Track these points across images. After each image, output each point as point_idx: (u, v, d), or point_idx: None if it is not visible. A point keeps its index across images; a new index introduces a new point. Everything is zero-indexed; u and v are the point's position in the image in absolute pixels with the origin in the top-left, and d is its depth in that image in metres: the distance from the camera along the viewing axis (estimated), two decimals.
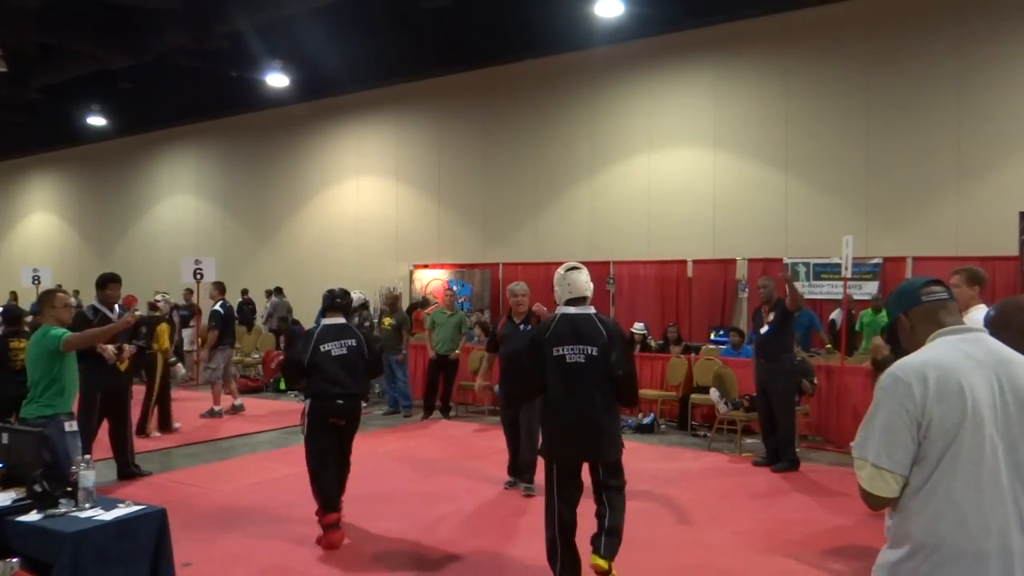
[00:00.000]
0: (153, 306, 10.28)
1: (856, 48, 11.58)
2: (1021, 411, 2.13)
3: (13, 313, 8.09)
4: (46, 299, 5.47)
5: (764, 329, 7.84)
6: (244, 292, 16.58)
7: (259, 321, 16.35)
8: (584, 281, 4.56)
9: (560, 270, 4.63)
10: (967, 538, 2.07)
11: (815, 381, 8.63)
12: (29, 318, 8.68)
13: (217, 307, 10.96)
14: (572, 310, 4.51)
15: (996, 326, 3.26)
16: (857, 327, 10.76)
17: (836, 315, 10.90)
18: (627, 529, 5.82)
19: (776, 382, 7.76)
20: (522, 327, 6.79)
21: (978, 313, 4.33)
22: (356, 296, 12.22)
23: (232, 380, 11.27)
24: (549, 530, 4.52)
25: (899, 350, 2.34)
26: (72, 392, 5.38)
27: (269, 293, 16.55)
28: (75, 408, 5.57)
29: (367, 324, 11.88)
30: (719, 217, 12.69)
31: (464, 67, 14.92)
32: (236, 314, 12.43)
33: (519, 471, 6.91)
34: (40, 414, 5.09)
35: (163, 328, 9.55)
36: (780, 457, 7.74)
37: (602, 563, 4.48)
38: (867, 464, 2.14)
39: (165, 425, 9.59)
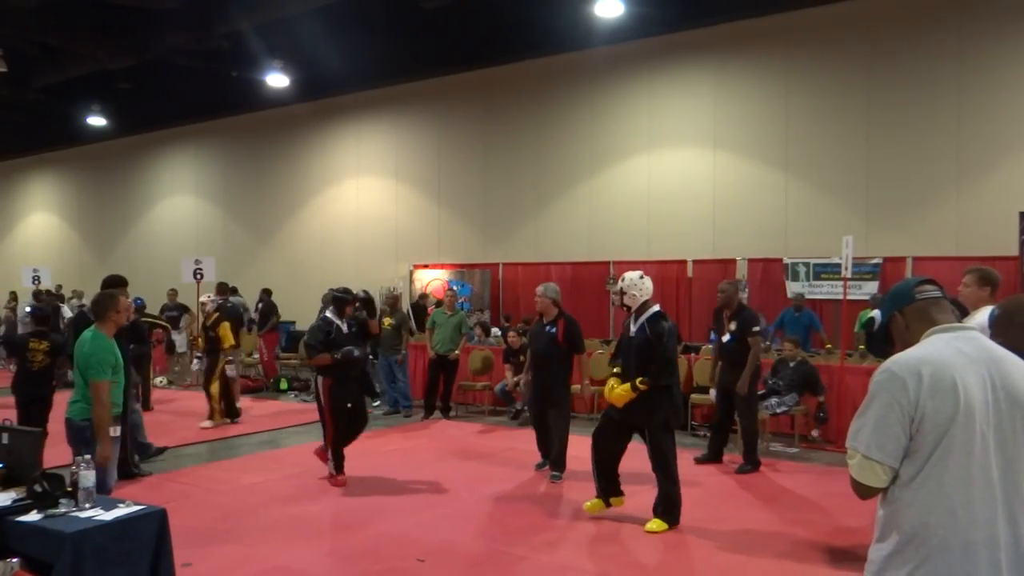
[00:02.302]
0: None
1: (856, 48, 11.58)
2: (1012, 407, 2.18)
3: (41, 314, 8.10)
4: (110, 303, 5.15)
5: (727, 338, 7.84)
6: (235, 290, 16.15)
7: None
8: None
9: (635, 276, 6.10)
10: (956, 530, 2.11)
11: (822, 385, 8.62)
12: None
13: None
14: None
15: (999, 324, 3.27)
16: (857, 328, 10.75)
17: (876, 314, 10.72)
18: (627, 528, 5.85)
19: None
20: (548, 328, 7.41)
21: (984, 314, 4.30)
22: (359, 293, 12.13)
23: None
24: (676, 482, 5.93)
25: (882, 349, 2.39)
26: (117, 396, 5.16)
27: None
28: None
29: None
30: (719, 217, 12.69)
31: (464, 67, 14.91)
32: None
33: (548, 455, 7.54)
34: (87, 416, 4.96)
35: (225, 326, 10.18)
36: (745, 459, 7.71)
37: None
38: (858, 454, 2.21)
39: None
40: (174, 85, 15.95)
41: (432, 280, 15.21)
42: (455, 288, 13.53)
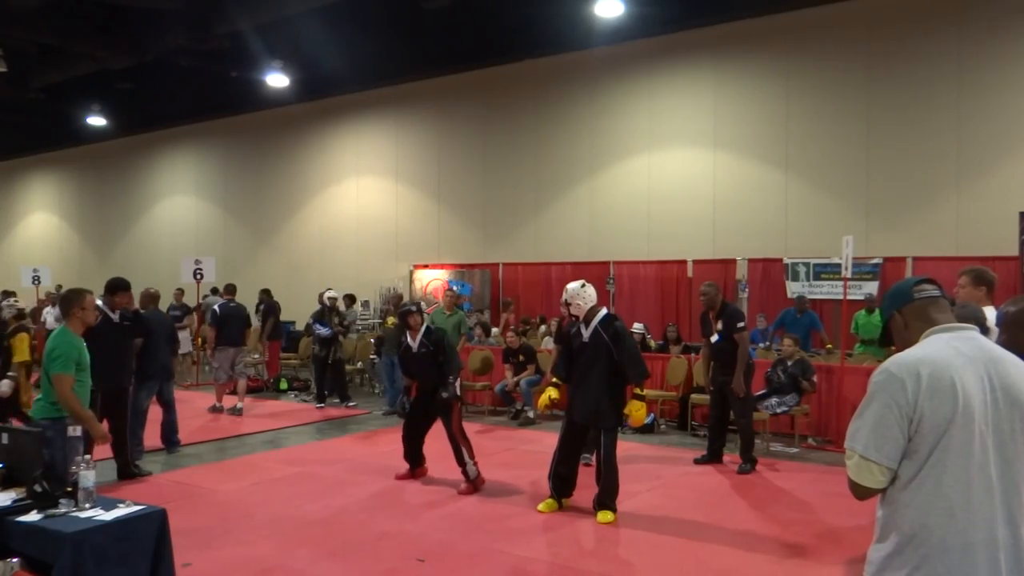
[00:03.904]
0: None
1: (856, 48, 11.59)
2: (1010, 408, 2.18)
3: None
4: (75, 299, 5.09)
5: (715, 338, 7.88)
6: (214, 291, 15.93)
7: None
8: None
9: (576, 286, 6.20)
10: (955, 530, 2.11)
11: (814, 379, 8.66)
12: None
13: (215, 307, 11.18)
14: None
15: (1015, 323, 3.24)
16: (852, 328, 10.73)
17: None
18: (628, 529, 5.85)
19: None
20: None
21: (988, 313, 4.29)
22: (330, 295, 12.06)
23: (230, 380, 11.00)
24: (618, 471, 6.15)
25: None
26: (83, 396, 5.11)
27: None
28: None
29: (346, 323, 11.99)
30: (719, 217, 12.69)
31: (464, 67, 14.92)
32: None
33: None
34: (46, 415, 4.93)
35: (22, 338, 8.09)
36: (743, 459, 7.72)
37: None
38: (856, 455, 2.19)
39: None
40: (174, 85, 15.96)
41: (432, 280, 15.21)
42: (455, 288, 13.52)
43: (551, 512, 6.22)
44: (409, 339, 7.22)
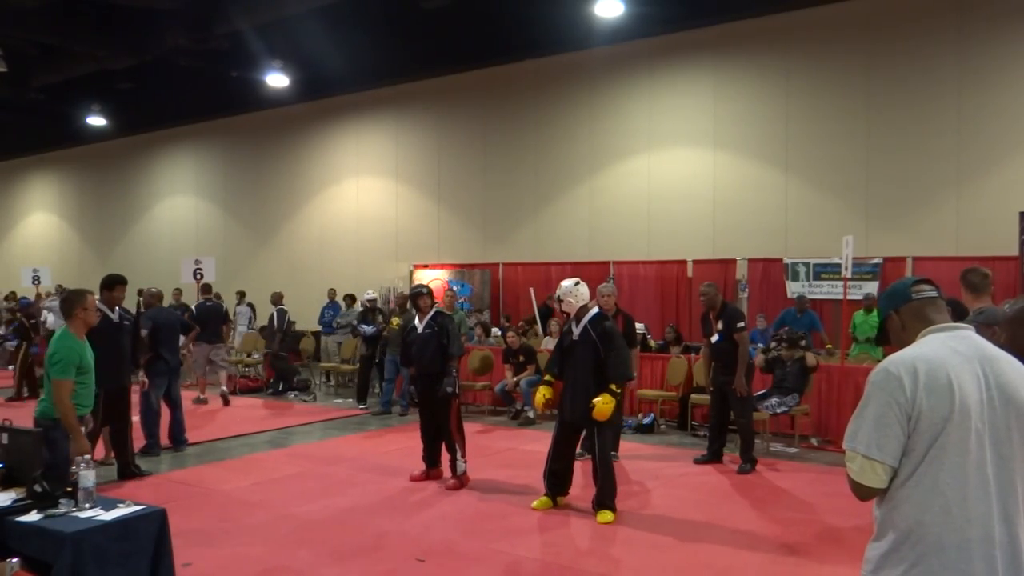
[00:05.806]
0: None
1: (856, 48, 11.59)
2: (1006, 406, 2.19)
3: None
4: (77, 300, 5.03)
5: (715, 338, 7.88)
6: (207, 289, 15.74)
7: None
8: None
9: (570, 284, 6.25)
10: (951, 528, 2.12)
11: (817, 358, 8.68)
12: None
13: (193, 306, 12.24)
14: None
15: (1015, 323, 3.23)
16: (850, 328, 10.72)
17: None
18: (628, 529, 5.85)
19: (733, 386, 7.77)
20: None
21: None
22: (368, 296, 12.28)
23: (204, 374, 11.96)
24: (614, 472, 6.23)
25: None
26: (86, 398, 5.08)
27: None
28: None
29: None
30: (719, 217, 12.69)
31: (464, 67, 14.92)
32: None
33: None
34: (49, 416, 4.87)
35: None
36: (743, 459, 7.71)
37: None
38: (858, 456, 2.19)
39: None
40: (174, 85, 15.97)
41: (432, 280, 15.20)
42: (455, 288, 13.51)
43: (547, 510, 6.23)
44: (417, 320, 7.28)
